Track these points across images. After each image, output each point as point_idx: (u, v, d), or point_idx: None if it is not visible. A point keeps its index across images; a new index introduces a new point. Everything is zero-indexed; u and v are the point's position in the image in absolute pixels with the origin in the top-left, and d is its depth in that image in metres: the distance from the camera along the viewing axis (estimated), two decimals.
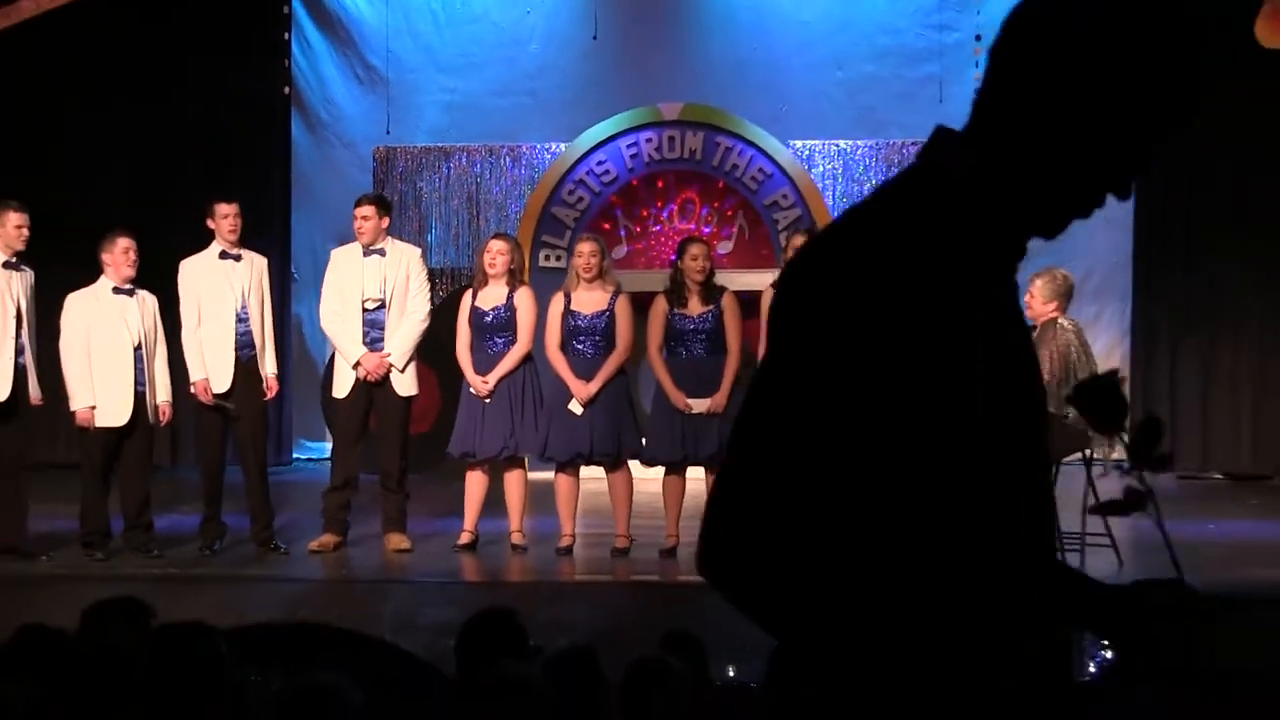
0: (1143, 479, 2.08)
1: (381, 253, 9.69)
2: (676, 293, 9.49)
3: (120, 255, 9.40)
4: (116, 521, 9.54)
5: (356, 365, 9.60)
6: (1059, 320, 9.00)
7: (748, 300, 10.01)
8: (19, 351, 9.33)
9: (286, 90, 13.81)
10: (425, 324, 9.79)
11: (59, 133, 13.63)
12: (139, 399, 9.37)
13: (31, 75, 12.46)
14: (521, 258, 9.90)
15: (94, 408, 9.30)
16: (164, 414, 9.61)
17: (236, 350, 9.54)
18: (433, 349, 10.24)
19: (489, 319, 9.56)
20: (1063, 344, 8.93)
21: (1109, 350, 13.10)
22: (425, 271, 9.95)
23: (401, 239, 10.54)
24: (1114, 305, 13.59)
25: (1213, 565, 9.29)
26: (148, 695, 4.07)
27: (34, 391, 9.48)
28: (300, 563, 9.49)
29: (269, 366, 9.66)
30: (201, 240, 9.85)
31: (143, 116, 13.71)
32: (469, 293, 9.78)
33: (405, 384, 9.69)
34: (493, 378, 9.47)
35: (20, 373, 9.32)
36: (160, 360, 9.56)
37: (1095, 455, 9.09)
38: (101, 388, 9.31)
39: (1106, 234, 13.52)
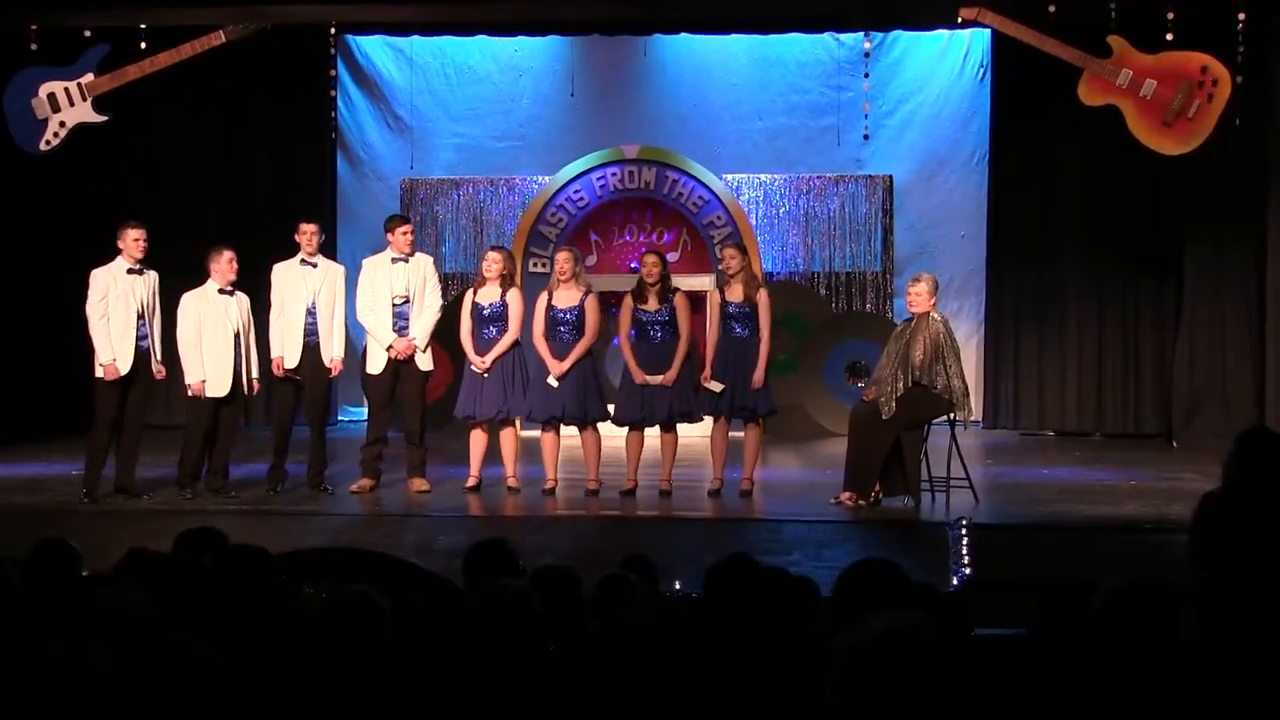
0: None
1: (406, 260, 9.65)
2: (639, 292, 9.48)
3: (225, 264, 9.36)
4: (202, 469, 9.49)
5: (389, 348, 9.56)
6: (931, 314, 8.98)
7: (691, 297, 9.99)
8: (141, 337, 9.28)
9: (334, 135, 13.73)
10: (438, 315, 9.78)
11: (170, 167, 13.62)
12: (235, 376, 9.34)
13: (149, 123, 12.58)
14: (513, 265, 9.89)
15: (204, 381, 9.27)
16: (254, 387, 9.60)
17: (305, 337, 9.50)
18: (450, 336, 10.22)
19: (486, 312, 9.51)
20: (934, 331, 8.92)
21: (968, 336, 13.09)
22: (437, 275, 9.93)
23: (421, 250, 10.47)
24: (971, 301, 13.60)
25: (1045, 502, 9.40)
26: (223, 599, 4.11)
27: (156, 368, 9.42)
28: (343, 501, 9.45)
29: (334, 350, 9.57)
30: (273, 249, 9.86)
31: (230, 155, 13.78)
32: (470, 291, 9.74)
33: (425, 361, 9.65)
34: (489, 358, 9.43)
35: (142, 354, 9.27)
36: (253, 345, 9.52)
37: (955, 417, 9.11)
38: (209, 366, 9.27)
39: (964, 247, 13.58)
